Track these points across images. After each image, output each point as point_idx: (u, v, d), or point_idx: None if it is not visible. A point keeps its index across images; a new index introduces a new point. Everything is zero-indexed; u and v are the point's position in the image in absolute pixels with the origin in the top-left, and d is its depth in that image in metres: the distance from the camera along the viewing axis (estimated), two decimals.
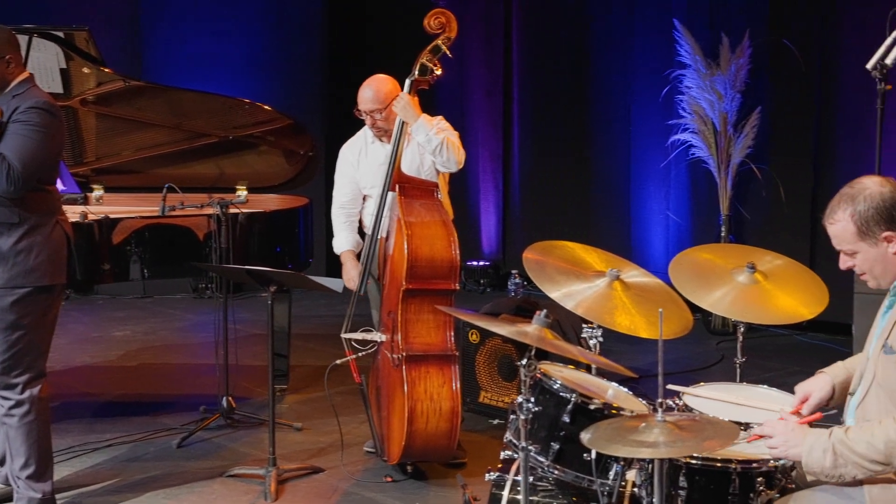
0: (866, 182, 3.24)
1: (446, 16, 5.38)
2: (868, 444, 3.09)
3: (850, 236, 3.23)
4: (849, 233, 3.22)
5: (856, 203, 3.20)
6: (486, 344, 6.25)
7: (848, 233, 3.23)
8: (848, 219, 3.21)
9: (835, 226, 3.26)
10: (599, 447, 3.20)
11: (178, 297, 10.17)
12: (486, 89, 10.51)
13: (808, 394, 3.56)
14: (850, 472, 3.13)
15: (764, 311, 4.19)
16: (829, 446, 3.14)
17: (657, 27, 9.06)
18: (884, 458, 3.08)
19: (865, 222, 3.19)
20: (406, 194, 5.27)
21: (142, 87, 6.75)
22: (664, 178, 9.18)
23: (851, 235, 3.22)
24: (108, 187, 6.94)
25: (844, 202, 3.23)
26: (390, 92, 5.52)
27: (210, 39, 10.26)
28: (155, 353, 8.09)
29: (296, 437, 6.10)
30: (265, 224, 6.55)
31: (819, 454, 3.15)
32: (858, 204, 3.19)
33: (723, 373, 7.21)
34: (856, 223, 3.20)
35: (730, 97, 8.44)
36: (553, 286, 3.94)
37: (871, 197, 3.19)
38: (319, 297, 9.66)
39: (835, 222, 3.25)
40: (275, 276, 5.31)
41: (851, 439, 3.12)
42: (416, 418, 5.07)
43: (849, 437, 3.13)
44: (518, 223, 10.48)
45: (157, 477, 5.49)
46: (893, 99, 6.91)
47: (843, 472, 3.14)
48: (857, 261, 3.27)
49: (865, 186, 3.22)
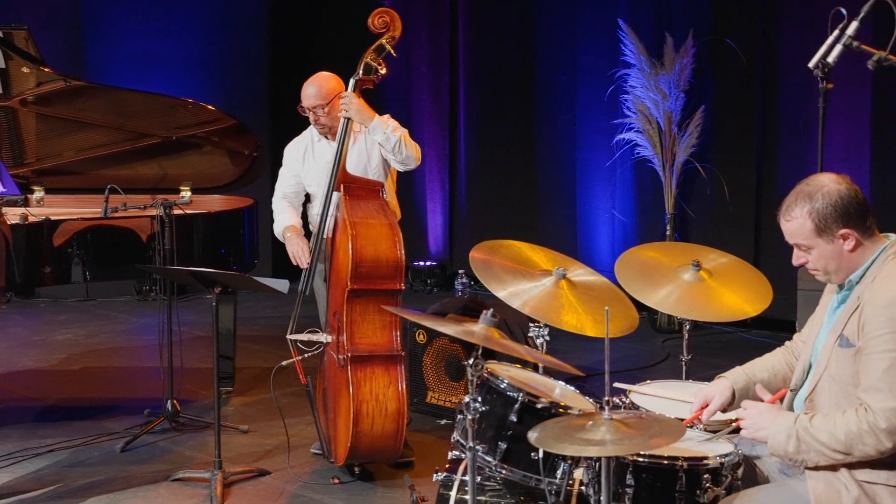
0: (823, 180, 3.27)
1: (390, 15, 5.36)
2: (830, 433, 3.15)
3: (808, 233, 3.25)
4: (806, 229, 3.25)
5: (814, 200, 3.22)
6: (434, 344, 6.24)
7: (805, 229, 3.25)
8: (806, 216, 3.24)
9: (791, 223, 3.28)
10: (547, 446, 3.19)
11: (122, 299, 10.04)
12: (432, 89, 10.49)
13: (708, 399, 3.60)
14: (813, 458, 3.20)
15: (709, 309, 4.22)
16: (793, 432, 3.20)
17: (602, 27, 9.08)
18: (844, 447, 3.13)
19: (823, 219, 3.22)
20: (351, 194, 5.24)
21: (83, 87, 6.66)
22: (609, 178, 9.21)
23: (809, 232, 3.25)
24: (49, 189, 6.84)
25: (802, 199, 3.25)
26: (333, 88, 5.49)
27: (153, 39, 10.14)
28: (98, 357, 7.99)
29: (242, 439, 6.05)
30: (209, 225, 6.49)
31: (783, 438, 3.21)
32: (816, 201, 3.22)
33: (669, 370, 7.25)
34: (814, 220, 3.23)
35: (674, 96, 8.49)
36: (500, 285, 3.94)
37: (828, 194, 3.21)
38: (265, 299, 9.59)
39: (792, 219, 3.27)
40: (219, 277, 5.26)
41: (815, 427, 3.18)
42: (362, 419, 5.04)
43: (813, 425, 3.19)
44: (465, 223, 10.47)
45: (101, 482, 5.42)
46: (835, 97, 6.99)
47: (805, 457, 3.21)
48: (811, 257, 3.30)
49: (823, 184, 3.25)
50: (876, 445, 3.10)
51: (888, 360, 3.09)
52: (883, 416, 3.08)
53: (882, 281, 3.19)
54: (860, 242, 3.24)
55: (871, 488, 3.17)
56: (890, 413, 3.07)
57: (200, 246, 6.38)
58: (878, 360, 3.11)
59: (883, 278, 3.20)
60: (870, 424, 3.09)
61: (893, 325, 3.10)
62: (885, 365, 3.09)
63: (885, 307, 3.12)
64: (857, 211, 3.22)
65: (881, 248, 3.25)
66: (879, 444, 3.09)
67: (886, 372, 3.09)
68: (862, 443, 3.11)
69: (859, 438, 3.10)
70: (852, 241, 3.23)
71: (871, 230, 3.26)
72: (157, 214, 5.97)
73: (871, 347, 3.13)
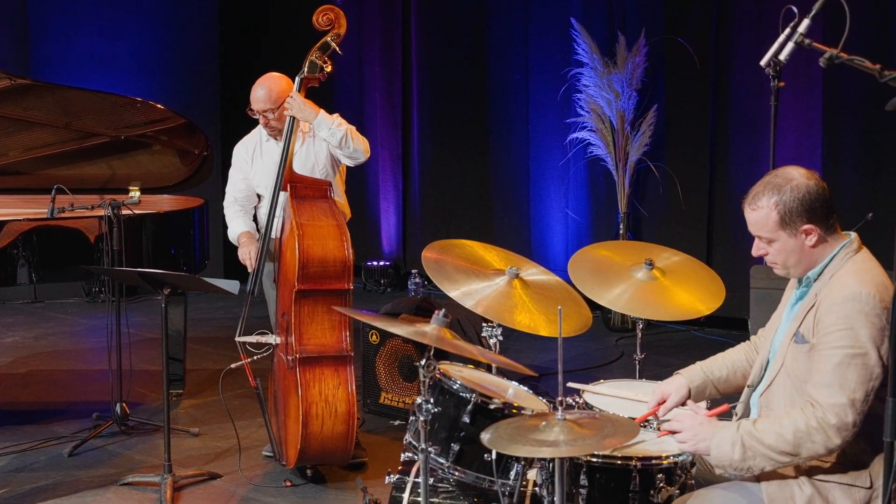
0: (793, 173, 3.25)
1: (335, 12, 5.33)
2: (777, 434, 3.12)
3: (772, 224, 3.24)
4: (771, 221, 3.24)
5: (781, 192, 3.21)
6: (387, 345, 6.20)
7: (770, 221, 3.24)
8: (772, 207, 3.22)
9: (757, 212, 3.27)
10: (500, 447, 3.17)
11: (70, 301, 9.92)
12: (384, 89, 10.46)
13: (665, 395, 3.60)
14: (759, 464, 3.15)
15: (662, 308, 4.22)
16: (737, 439, 3.16)
17: (554, 26, 9.09)
18: (792, 448, 3.11)
19: (789, 213, 3.21)
20: (297, 194, 5.20)
21: (29, 86, 6.54)
22: (563, 177, 9.22)
23: (773, 224, 3.24)
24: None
25: (770, 190, 3.24)
26: (283, 91, 5.44)
27: (101, 37, 10.03)
28: (45, 360, 7.89)
29: (192, 442, 5.98)
30: (159, 225, 6.42)
31: (728, 447, 3.17)
32: (784, 194, 3.21)
33: (622, 369, 7.26)
34: (779, 212, 3.22)
35: (627, 95, 8.51)
36: (452, 285, 3.92)
37: (797, 188, 3.21)
38: (215, 300, 9.52)
39: (757, 209, 3.26)
40: (169, 278, 5.20)
41: (760, 431, 3.15)
42: (311, 421, 5.00)
43: (757, 428, 3.16)
44: (418, 223, 10.45)
45: (47, 487, 5.34)
46: (786, 96, 7.03)
47: (751, 464, 3.16)
48: (771, 249, 3.30)
49: (793, 177, 3.23)
50: (825, 443, 3.08)
51: (839, 356, 3.09)
52: (832, 412, 3.06)
53: (839, 278, 3.19)
54: (822, 239, 3.24)
55: (823, 486, 3.16)
56: (839, 409, 3.06)
57: (150, 247, 6.31)
58: (829, 355, 3.11)
59: (840, 276, 3.20)
60: (819, 421, 3.07)
61: (847, 322, 3.09)
62: (836, 361, 3.09)
63: (840, 304, 3.12)
64: (823, 207, 3.22)
65: (841, 245, 3.26)
66: (829, 441, 3.08)
67: (837, 367, 3.08)
68: (811, 441, 3.08)
69: (808, 436, 3.08)
70: (814, 236, 3.23)
71: (833, 228, 3.26)
72: (105, 215, 5.89)
73: (824, 343, 3.13)
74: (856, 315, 3.09)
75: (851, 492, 3.14)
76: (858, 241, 3.29)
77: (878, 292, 3.11)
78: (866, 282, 3.14)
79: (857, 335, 3.08)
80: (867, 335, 3.08)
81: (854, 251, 3.25)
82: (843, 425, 3.06)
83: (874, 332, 3.08)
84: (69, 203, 5.87)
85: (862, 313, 3.09)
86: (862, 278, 3.15)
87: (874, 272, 3.20)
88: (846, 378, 3.07)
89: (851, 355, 3.07)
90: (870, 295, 3.10)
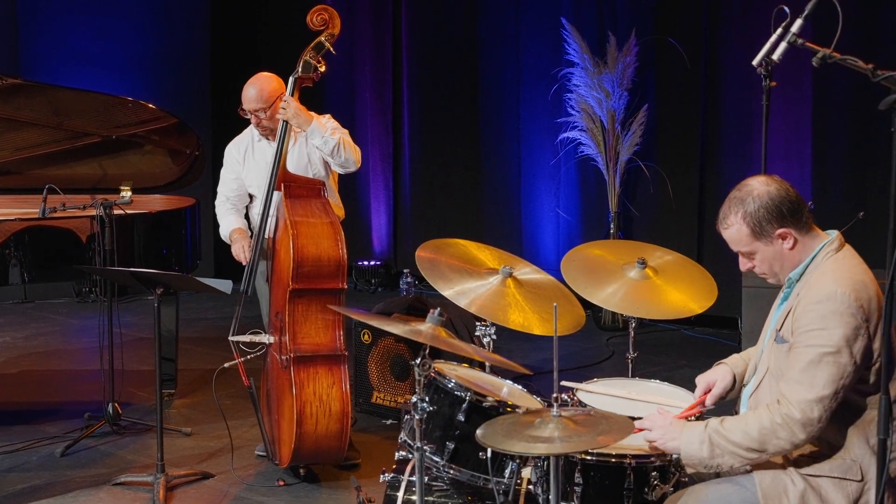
0: (752, 183, 3.30)
1: (329, 12, 5.33)
2: (743, 432, 3.17)
3: (746, 238, 3.28)
4: (744, 234, 3.28)
5: (745, 204, 3.26)
6: (379, 344, 6.20)
7: (743, 235, 3.28)
8: (740, 221, 3.27)
9: (729, 230, 3.31)
10: (495, 444, 3.17)
11: (62, 301, 9.89)
12: (375, 88, 10.47)
13: (710, 384, 3.62)
14: (727, 461, 3.21)
15: (655, 306, 4.23)
16: (705, 437, 3.22)
17: (545, 26, 9.11)
18: (758, 445, 3.16)
19: (758, 222, 3.24)
20: (291, 194, 5.20)
21: (19, 86, 6.53)
22: (554, 176, 9.23)
23: (746, 237, 3.28)
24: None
25: (735, 205, 3.28)
26: (275, 90, 5.44)
27: (92, 36, 10.02)
28: (37, 360, 7.87)
29: (184, 442, 5.98)
30: (150, 225, 6.41)
31: (696, 446, 3.22)
32: (748, 205, 3.25)
33: (614, 368, 7.27)
34: (749, 224, 3.26)
35: (617, 95, 8.52)
36: (446, 284, 3.92)
37: (759, 197, 3.24)
38: (207, 300, 9.51)
39: (728, 226, 3.31)
40: (161, 278, 5.19)
41: (726, 429, 3.20)
42: (305, 420, 5.01)
43: (724, 426, 3.21)
44: (409, 222, 10.46)
45: (40, 486, 5.33)
46: (778, 95, 7.05)
47: (719, 462, 3.22)
48: (756, 261, 3.34)
49: (753, 188, 3.28)
50: (790, 438, 3.12)
51: (812, 354, 3.12)
52: (798, 408, 3.10)
53: (816, 278, 3.22)
54: (799, 240, 3.27)
55: (815, 481, 3.19)
56: (805, 405, 3.10)
57: (141, 246, 6.30)
58: (803, 353, 3.14)
59: (817, 276, 3.23)
60: (783, 416, 3.11)
61: (822, 322, 3.13)
62: (808, 358, 3.13)
63: (817, 303, 3.15)
64: (791, 209, 3.25)
65: (820, 245, 3.28)
66: (793, 436, 3.12)
67: (808, 365, 3.12)
68: (776, 437, 3.13)
69: (773, 433, 3.13)
70: (791, 239, 3.26)
71: (808, 226, 3.29)
72: (96, 214, 5.88)
73: (799, 342, 3.17)
74: (830, 315, 3.12)
75: (843, 485, 3.18)
76: (840, 239, 3.31)
77: (853, 291, 3.14)
78: (842, 281, 3.16)
79: (831, 335, 3.11)
80: (841, 335, 3.11)
81: (835, 250, 3.27)
82: (808, 421, 3.11)
83: (848, 331, 3.11)
84: (61, 203, 5.85)
85: (837, 313, 3.12)
86: (839, 277, 3.18)
87: (853, 270, 3.22)
88: (816, 375, 3.11)
89: (823, 353, 3.11)
90: (845, 294, 3.13)
